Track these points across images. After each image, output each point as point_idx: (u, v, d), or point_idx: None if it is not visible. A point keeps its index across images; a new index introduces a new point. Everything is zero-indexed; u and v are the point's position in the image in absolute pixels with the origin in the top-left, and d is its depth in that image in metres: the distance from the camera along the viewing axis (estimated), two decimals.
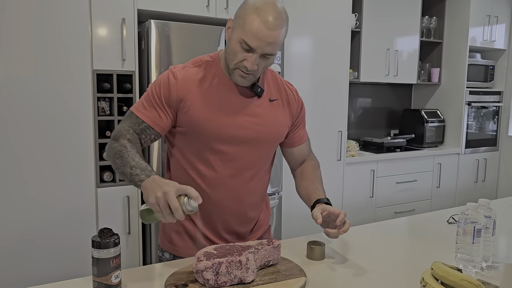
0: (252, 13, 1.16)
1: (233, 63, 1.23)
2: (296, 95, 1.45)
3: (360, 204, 3.66)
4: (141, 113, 1.28)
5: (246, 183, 1.35)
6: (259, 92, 1.32)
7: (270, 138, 1.36)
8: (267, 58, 1.22)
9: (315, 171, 1.49)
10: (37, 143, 2.35)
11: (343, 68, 3.42)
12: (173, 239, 1.40)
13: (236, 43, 1.20)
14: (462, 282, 1.04)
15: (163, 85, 1.28)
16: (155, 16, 2.72)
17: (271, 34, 1.17)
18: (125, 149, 1.22)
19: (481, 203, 1.28)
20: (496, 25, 4.28)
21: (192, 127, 1.27)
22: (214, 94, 1.28)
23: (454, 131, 4.28)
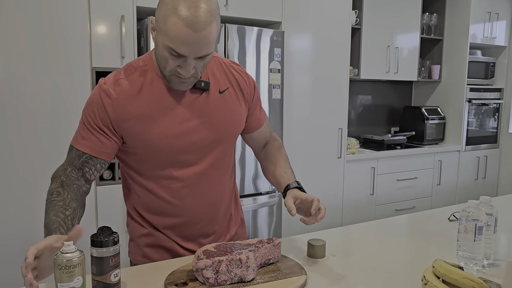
0: (172, 15, 0.99)
1: (166, 70, 1.09)
2: (246, 77, 1.30)
3: (360, 201, 3.65)
4: (80, 144, 1.15)
5: (214, 185, 1.27)
6: (203, 86, 1.18)
7: (230, 133, 1.26)
8: (204, 58, 1.08)
9: (279, 152, 1.39)
10: (35, 140, 2.35)
11: (343, 65, 3.41)
12: (147, 254, 1.31)
13: (163, 49, 1.05)
14: (463, 280, 1.03)
15: (97, 108, 1.13)
16: (154, 13, 2.71)
17: (200, 36, 1.01)
18: (50, 197, 1.12)
19: (483, 200, 1.27)
20: (497, 22, 4.27)
21: (144, 146, 1.16)
22: (157, 104, 1.15)
23: (454, 128, 4.27)
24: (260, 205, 2.99)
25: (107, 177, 2.57)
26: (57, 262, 0.97)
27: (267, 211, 3.03)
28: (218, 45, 2.72)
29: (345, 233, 1.59)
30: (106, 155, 1.17)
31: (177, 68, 1.07)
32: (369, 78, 3.80)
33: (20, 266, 0.94)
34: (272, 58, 2.93)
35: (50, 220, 1.07)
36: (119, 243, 1.04)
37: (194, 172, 1.23)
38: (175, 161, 1.20)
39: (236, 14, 2.84)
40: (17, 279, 2.36)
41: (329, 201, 3.46)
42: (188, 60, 1.05)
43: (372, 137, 4.05)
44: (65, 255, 0.97)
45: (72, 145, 1.19)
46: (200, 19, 0.99)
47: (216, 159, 1.26)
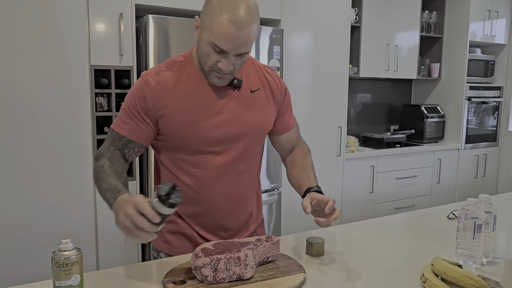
0: (218, 14, 1.09)
1: (207, 65, 1.18)
2: (278, 81, 1.38)
3: (360, 200, 3.65)
4: (120, 128, 1.25)
5: (237, 179, 1.33)
6: (236, 83, 1.26)
7: (256, 131, 1.32)
8: (242, 56, 1.17)
9: (305, 159, 1.44)
10: (35, 138, 2.34)
11: (342, 63, 3.40)
12: (168, 239, 1.38)
13: (207, 45, 1.14)
14: (462, 278, 1.03)
15: (138, 96, 1.23)
16: (153, 11, 2.70)
17: (242, 34, 1.11)
18: (102, 169, 1.19)
19: (482, 198, 1.27)
20: (497, 20, 4.27)
21: (175, 134, 1.24)
22: (192, 97, 1.24)
23: (454, 127, 4.27)
24: None
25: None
26: (54, 260, 0.96)
27: (267, 209, 3.03)
28: None
29: (344, 231, 1.58)
30: (144, 140, 1.26)
31: (218, 63, 1.15)
32: (369, 76, 3.79)
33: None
34: (272, 56, 2.92)
35: (111, 184, 1.14)
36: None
37: (218, 163, 1.29)
38: (201, 151, 1.27)
39: None
40: (16, 277, 2.36)
41: None
42: (229, 56, 1.14)
43: (372, 135, 4.05)
44: (62, 253, 0.97)
45: (112, 128, 1.28)
46: (243, 19, 1.09)
47: (240, 154, 1.31)
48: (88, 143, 2.47)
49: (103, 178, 1.17)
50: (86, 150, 2.47)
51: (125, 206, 1.01)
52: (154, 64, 2.54)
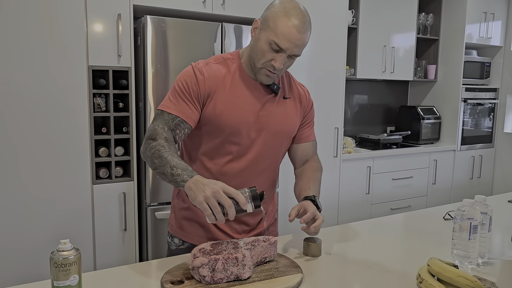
0: (283, 17, 1.22)
1: (260, 62, 1.28)
2: (307, 95, 1.52)
3: (356, 200, 3.66)
4: (172, 109, 1.30)
5: (258, 174, 1.40)
6: (275, 89, 1.38)
7: (283, 133, 1.42)
8: (292, 59, 1.29)
9: (314, 173, 1.49)
10: (33, 139, 2.34)
11: (339, 64, 3.42)
12: (183, 226, 1.44)
13: (265, 43, 1.25)
14: (458, 278, 1.04)
15: (191, 80, 1.31)
16: (151, 12, 2.71)
17: (301, 37, 1.24)
18: (163, 148, 1.23)
19: (478, 199, 1.28)
20: (493, 22, 4.29)
21: (214, 120, 1.32)
22: (235, 90, 1.34)
23: (450, 128, 4.29)
24: None
25: (104, 176, 2.57)
26: (53, 260, 0.97)
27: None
28: (215, 44, 2.72)
29: (341, 231, 1.59)
30: (193, 121, 1.32)
31: (271, 61, 1.27)
32: (366, 77, 3.81)
33: None
34: None
35: (180, 162, 1.19)
36: None
37: (243, 157, 1.36)
38: (232, 142, 1.35)
39: (233, 13, 2.84)
40: (15, 276, 2.35)
41: (325, 200, 3.47)
42: (284, 55, 1.26)
43: (368, 137, 4.06)
44: (61, 253, 0.97)
45: (162, 110, 1.32)
46: (303, 25, 1.24)
47: (265, 152, 1.39)
48: (85, 143, 2.47)
49: (167, 156, 1.20)
50: (83, 150, 2.47)
51: (213, 186, 1.09)
52: (152, 65, 2.54)
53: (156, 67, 2.56)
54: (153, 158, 1.23)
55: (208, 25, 2.70)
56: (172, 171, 1.17)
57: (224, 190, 1.09)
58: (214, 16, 2.83)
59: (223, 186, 1.10)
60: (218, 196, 1.07)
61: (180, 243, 1.45)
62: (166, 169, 1.19)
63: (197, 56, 2.64)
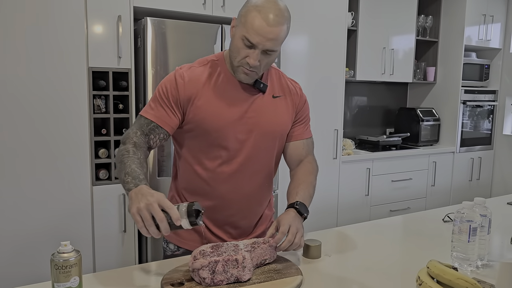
0: (253, 11, 1.20)
1: (236, 60, 1.26)
2: (299, 91, 1.48)
3: (355, 202, 3.67)
4: (149, 114, 1.31)
5: (250, 178, 1.38)
6: (262, 87, 1.35)
7: (274, 133, 1.39)
8: (269, 55, 1.25)
9: (306, 176, 1.43)
10: (33, 140, 2.34)
11: (339, 66, 3.42)
12: (178, 231, 1.40)
13: (238, 40, 1.23)
14: (457, 281, 1.05)
15: (171, 86, 1.31)
16: (151, 14, 2.71)
17: (272, 31, 1.20)
18: (127, 153, 1.23)
19: (477, 201, 1.28)
20: (492, 24, 4.30)
21: (199, 124, 1.30)
22: (219, 92, 1.32)
23: (449, 130, 4.30)
24: None
25: (103, 177, 2.57)
26: (53, 262, 0.97)
27: None
28: (215, 45, 2.73)
29: (340, 233, 1.60)
30: (169, 127, 1.31)
31: (246, 58, 1.24)
32: (365, 79, 3.81)
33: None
34: None
35: (134, 170, 1.18)
36: None
37: (234, 160, 1.34)
38: (220, 146, 1.33)
39: (233, 15, 2.84)
40: (14, 278, 2.35)
41: (324, 201, 3.47)
42: (257, 50, 1.22)
43: (368, 138, 4.07)
44: (62, 255, 0.98)
45: (140, 115, 1.34)
46: (275, 18, 1.20)
47: (256, 153, 1.36)
48: (85, 145, 2.47)
49: (127, 162, 1.21)
50: (83, 152, 2.47)
51: (149, 197, 1.06)
52: (152, 66, 2.54)
53: (156, 69, 2.56)
54: (117, 162, 1.24)
55: (208, 27, 2.70)
56: (125, 177, 1.16)
57: (159, 203, 1.04)
58: (214, 18, 2.84)
59: (159, 198, 1.06)
60: (151, 208, 1.03)
61: (175, 248, 1.44)
62: (121, 175, 1.19)
63: (197, 58, 2.63)
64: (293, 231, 1.22)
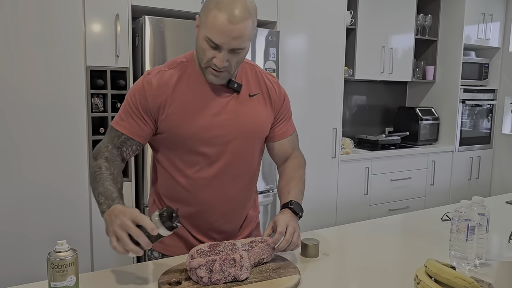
0: (213, 9, 1.13)
1: (203, 62, 1.20)
2: (277, 87, 1.39)
3: (354, 201, 3.66)
4: (119, 125, 1.26)
5: (232, 182, 1.33)
6: (236, 87, 1.28)
7: (252, 135, 1.33)
8: (237, 53, 1.18)
9: (296, 171, 1.42)
10: (30, 139, 2.33)
11: (338, 65, 3.42)
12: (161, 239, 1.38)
13: (203, 41, 1.17)
14: (455, 280, 1.04)
15: (139, 94, 1.25)
16: (149, 12, 2.70)
17: (235, 28, 1.12)
18: (99, 170, 1.21)
19: (475, 200, 1.28)
20: (491, 23, 4.30)
21: (173, 132, 1.25)
22: (191, 96, 1.25)
23: (448, 129, 4.29)
24: None
25: None
26: (50, 261, 0.97)
27: (262, 210, 3.03)
28: None
29: (339, 232, 1.59)
30: (141, 138, 1.28)
31: (213, 59, 1.17)
32: (364, 78, 3.81)
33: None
34: (267, 58, 2.93)
35: (107, 189, 1.16)
36: None
37: (213, 165, 1.29)
38: (197, 152, 1.28)
39: None
40: (12, 276, 2.35)
41: (323, 201, 3.47)
42: (223, 51, 1.15)
43: (367, 137, 4.07)
44: (58, 254, 0.97)
45: (112, 126, 1.29)
46: (237, 14, 1.12)
47: (236, 157, 1.31)
48: (83, 143, 2.47)
49: (100, 180, 1.18)
50: (81, 150, 2.46)
51: (122, 217, 1.04)
52: (150, 65, 2.54)
53: None
54: (91, 180, 1.23)
55: None
56: (98, 198, 1.15)
57: (132, 219, 1.03)
58: None
59: (132, 215, 1.04)
60: (125, 227, 1.02)
61: (159, 256, 1.40)
62: (95, 195, 1.17)
63: None
64: (291, 231, 1.22)
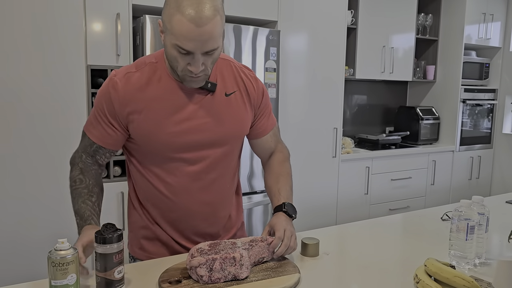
0: (176, 13, 1.02)
1: (179, 69, 1.11)
2: (254, 83, 1.30)
3: (355, 201, 3.67)
4: (91, 133, 1.22)
5: (211, 185, 1.28)
6: (209, 87, 1.20)
7: (231, 136, 1.27)
8: (211, 54, 1.10)
9: (282, 166, 1.38)
10: (30, 138, 2.34)
11: (338, 65, 3.42)
12: (144, 246, 1.34)
13: (172, 49, 1.08)
14: (454, 279, 1.05)
15: (105, 100, 1.18)
16: (150, 11, 2.70)
17: (204, 31, 1.03)
18: (74, 184, 1.21)
19: (475, 200, 1.28)
20: (492, 23, 4.30)
21: (145, 139, 1.19)
22: (161, 101, 1.17)
23: (448, 129, 4.29)
24: (255, 204, 3.00)
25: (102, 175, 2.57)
26: (50, 260, 0.97)
27: (262, 209, 3.04)
28: None
29: (339, 232, 1.59)
30: (113, 145, 1.23)
31: (187, 66, 1.09)
32: (365, 78, 3.81)
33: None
34: (268, 57, 2.93)
35: (80, 207, 1.17)
36: (123, 240, 1.05)
37: (191, 170, 1.24)
38: (173, 158, 1.22)
39: (233, 13, 2.84)
40: (11, 276, 2.35)
41: (323, 200, 3.47)
42: (196, 56, 1.07)
43: (367, 137, 4.07)
44: (59, 252, 0.97)
45: (84, 132, 1.25)
46: (202, 14, 1.02)
47: (215, 160, 1.26)
48: None
49: (74, 197, 1.20)
50: None
51: (77, 242, 1.08)
52: None
53: None
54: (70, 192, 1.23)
55: None
56: (76, 218, 1.18)
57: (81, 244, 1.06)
58: None
59: (78, 243, 1.07)
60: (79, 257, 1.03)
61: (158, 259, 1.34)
62: (74, 212, 1.19)
63: None
64: (288, 235, 1.21)
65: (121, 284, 1.05)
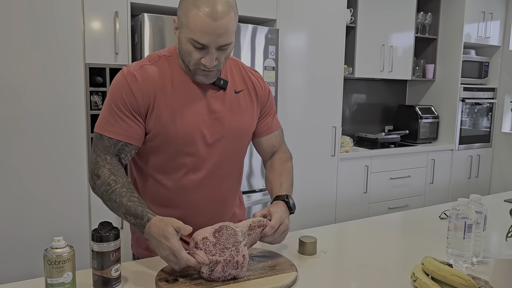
0: (192, 8, 1.07)
1: (191, 64, 1.15)
2: (262, 83, 1.37)
3: (354, 199, 3.67)
4: (111, 132, 1.16)
5: (220, 182, 1.30)
6: (222, 84, 1.24)
7: (240, 132, 1.30)
8: (225, 49, 1.14)
9: (284, 165, 1.40)
10: (29, 137, 2.33)
11: (337, 63, 3.41)
12: (149, 246, 1.33)
13: (187, 43, 1.11)
14: (452, 277, 1.04)
15: (125, 92, 1.16)
16: (148, 10, 2.70)
17: (219, 25, 1.07)
18: (109, 188, 1.14)
19: (472, 198, 1.28)
20: (491, 21, 4.29)
21: (161, 132, 1.19)
22: (178, 94, 1.20)
23: (448, 127, 4.29)
24: (254, 202, 3.00)
25: None
26: (46, 258, 0.97)
27: (261, 208, 3.03)
28: None
29: (337, 230, 1.59)
30: (137, 140, 1.20)
31: (201, 60, 1.12)
32: (364, 76, 3.81)
33: None
34: (267, 56, 2.93)
35: (129, 207, 1.11)
36: (120, 238, 1.05)
37: (201, 166, 1.25)
38: (184, 153, 1.22)
39: None
40: (10, 276, 2.35)
41: (322, 199, 3.47)
42: (210, 50, 1.11)
43: (366, 136, 4.06)
44: (55, 250, 0.97)
45: (101, 134, 1.18)
46: (218, 9, 1.07)
47: (224, 156, 1.28)
48: (82, 141, 2.47)
49: (115, 200, 1.13)
50: (80, 148, 2.46)
51: (162, 251, 1.05)
52: None
53: None
54: (104, 200, 1.16)
55: None
56: (128, 219, 1.13)
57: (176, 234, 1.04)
58: None
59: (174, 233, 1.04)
60: (174, 252, 1.03)
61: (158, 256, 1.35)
62: (120, 214, 1.14)
63: None
64: (281, 229, 1.20)
65: (118, 282, 1.05)
